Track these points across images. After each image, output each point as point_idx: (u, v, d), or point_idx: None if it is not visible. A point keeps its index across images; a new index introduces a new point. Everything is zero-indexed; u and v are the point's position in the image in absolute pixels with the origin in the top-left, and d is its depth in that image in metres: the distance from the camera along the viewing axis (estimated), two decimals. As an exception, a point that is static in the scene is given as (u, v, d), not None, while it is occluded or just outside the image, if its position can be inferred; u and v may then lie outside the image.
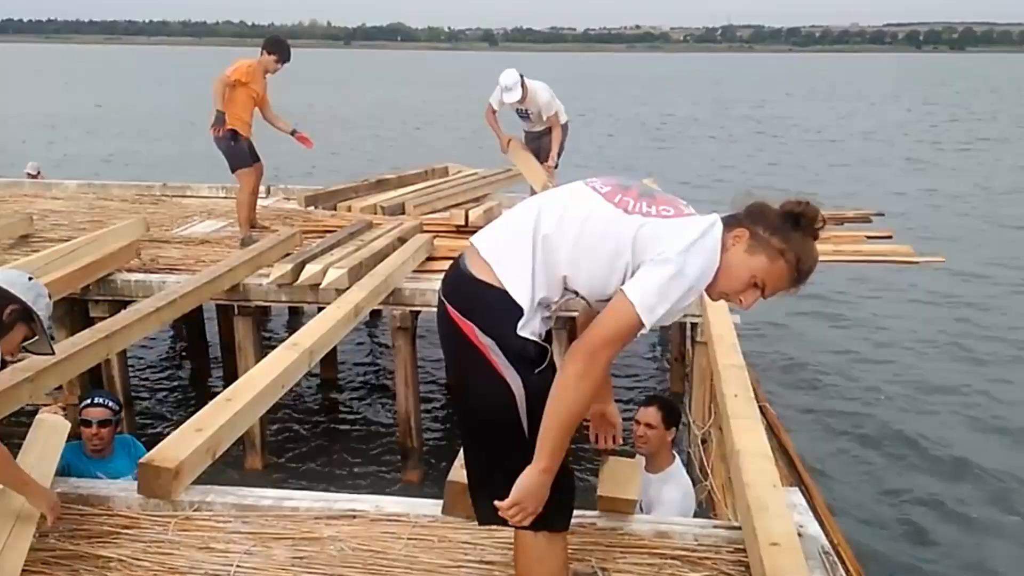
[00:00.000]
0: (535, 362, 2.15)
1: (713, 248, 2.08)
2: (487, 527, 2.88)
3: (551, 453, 2.08)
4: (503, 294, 2.11)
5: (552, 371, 2.16)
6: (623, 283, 2.07)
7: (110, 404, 4.02)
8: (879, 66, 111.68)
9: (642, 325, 2.03)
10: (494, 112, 7.82)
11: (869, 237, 7.20)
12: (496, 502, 2.14)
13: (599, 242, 2.09)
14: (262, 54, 6.92)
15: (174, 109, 34.50)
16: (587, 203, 2.14)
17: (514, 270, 2.11)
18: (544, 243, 2.11)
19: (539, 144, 7.88)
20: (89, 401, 4.03)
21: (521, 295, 2.10)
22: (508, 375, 2.12)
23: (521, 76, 7.42)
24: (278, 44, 6.98)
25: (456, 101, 40.56)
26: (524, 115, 7.76)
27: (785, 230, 2.08)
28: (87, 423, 3.94)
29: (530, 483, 2.10)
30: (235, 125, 6.77)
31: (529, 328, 2.12)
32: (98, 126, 29.92)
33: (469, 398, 2.25)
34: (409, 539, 2.83)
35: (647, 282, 2.03)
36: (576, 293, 2.19)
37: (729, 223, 2.12)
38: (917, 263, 6.76)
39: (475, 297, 2.14)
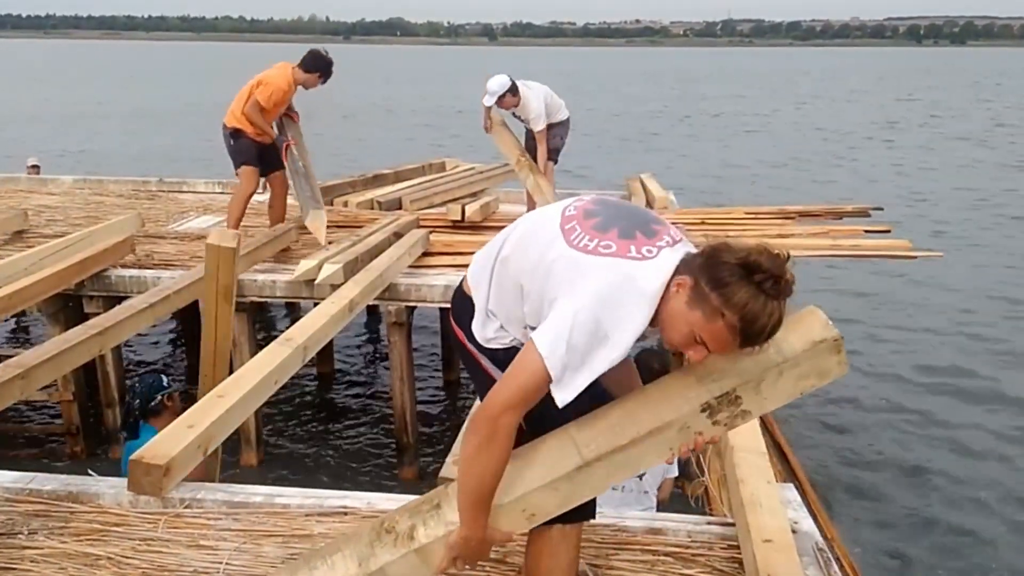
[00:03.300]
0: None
1: (645, 307, 1.86)
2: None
3: (470, 521, 2.02)
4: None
5: None
6: (530, 314, 2.00)
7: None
8: (879, 60, 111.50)
9: (550, 381, 1.86)
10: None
11: (867, 231, 7.18)
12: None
13: (527, 267, 2.01)
14: (309, 72, 6.44)
15: (152, 105, 34.43)
16: (540, 227, 2.05)
17: (478, 289, 2.18)
18: (501, 265, 2.11)
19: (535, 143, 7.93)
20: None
21: (478, 310, 2.17)
22: (496, 375, 2.16)
23: (513, 83, 7.34)
24: (327, 65, 6.51)
25: (454, 96, 40.50)
26: (520, 119, 7.89)
27: (731, 285, 1.77)
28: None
29: (456, 545, 2.06)
30: (242, 125, 6.45)
31: (490, 336, 2.15)
32: (72, 123, 29.77)
33: (478, 392, 2.35)
34: (400, 536, 2.81)
35: (555, 327, 1.85)
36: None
37: (684, 265, 1.89)
38: (915, 257, 6.73)
39: (462, 308, 2.23)
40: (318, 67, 6.50)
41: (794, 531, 2.75)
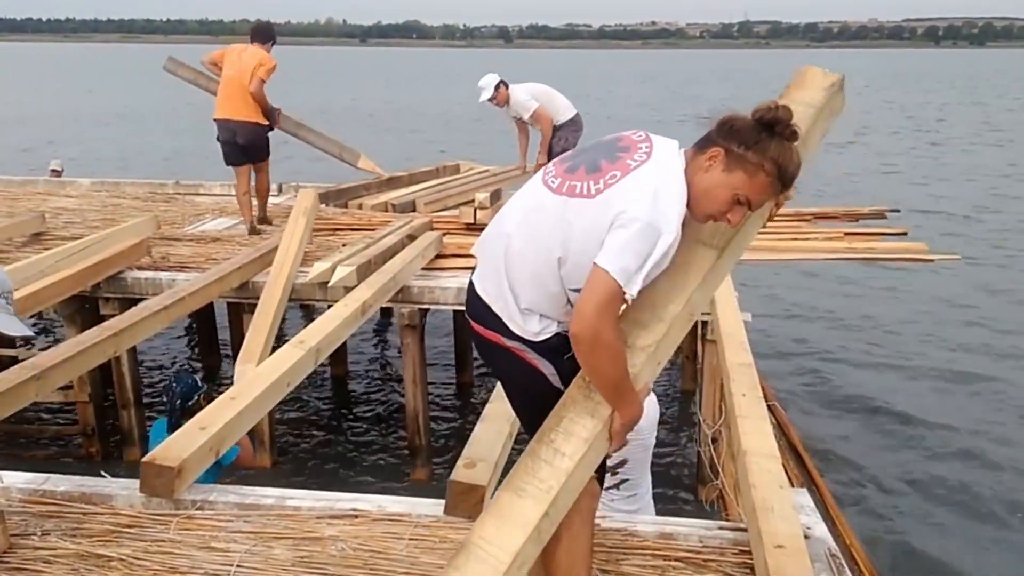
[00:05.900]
0: (562, 350, 2.22)
1: (677, 190, 2.07)
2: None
3: (623, 406, 2.14)
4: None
5: None
6: (570, 275, 2.11)
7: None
8: (897, 61, 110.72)
9: (622, 288, 2.01)
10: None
11: (883, 234, 7.12)
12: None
13: (553, 243, 2.12)
14: (267, 45, 6.94)
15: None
16: (535, 209, 2.18)
17: (501, 298, 2.22)
18: (519, 269, 2.19)
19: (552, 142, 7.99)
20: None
21: (511, 314, 2.22)
22: (541, 365, 2.25)
23: (501, 82, 7.87)
24: (274, 30, 7.11)
25: (468, 99, 40.47)
26: (520, 120, 8.04)
27: (761, 141, 2.05)
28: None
29: (619, 431, 2.17)
30: (263, 117, 6.91)
31: (537, 330, 2.22)
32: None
33: (512, 386, 2.41)
34: (411, 539, 2.81)
35: (615, 245, 2.02)
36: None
37: (703, 144, 2.12)
38: (932, 260, 6.67)
39: (489, 313, 2.26)
40: (272, 35, 7.02)
41: (807, 536, 2.73)
